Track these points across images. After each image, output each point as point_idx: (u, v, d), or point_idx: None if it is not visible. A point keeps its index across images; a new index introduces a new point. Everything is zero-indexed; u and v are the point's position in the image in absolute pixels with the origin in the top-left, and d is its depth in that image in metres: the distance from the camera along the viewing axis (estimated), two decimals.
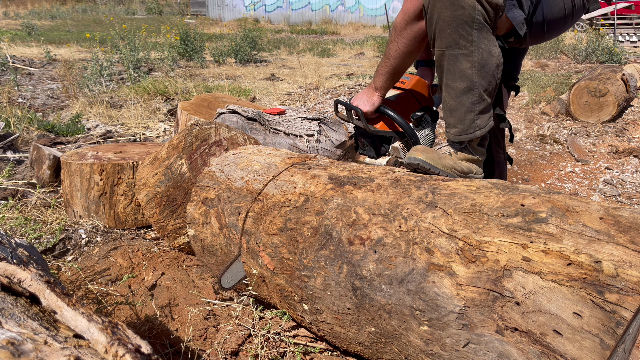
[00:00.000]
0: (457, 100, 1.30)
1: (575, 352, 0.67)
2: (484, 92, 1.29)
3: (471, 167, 1.38)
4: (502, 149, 1.79)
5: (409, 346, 0.87)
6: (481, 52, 1.22)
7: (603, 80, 3.73)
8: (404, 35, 1.33)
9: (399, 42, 1.35)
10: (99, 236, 1.72)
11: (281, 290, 1.11)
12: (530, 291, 0.73)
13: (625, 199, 2.33)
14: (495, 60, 1.25)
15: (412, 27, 1.31)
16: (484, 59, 1.22)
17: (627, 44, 9.86)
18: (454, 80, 1.28)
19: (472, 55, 1.21)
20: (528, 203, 0.83)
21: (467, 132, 1.33)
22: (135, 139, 3.11)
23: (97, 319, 0.60)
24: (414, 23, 1.30)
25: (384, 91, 1.49)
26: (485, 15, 1.18)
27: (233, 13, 21.71)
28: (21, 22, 12.96)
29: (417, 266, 0.85)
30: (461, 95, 1.29)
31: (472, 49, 1.21)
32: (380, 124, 1.58)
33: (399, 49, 1.36)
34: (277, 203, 1.13)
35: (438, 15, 1.19)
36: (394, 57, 1.39)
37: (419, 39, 1.32)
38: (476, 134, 1.34)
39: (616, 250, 0.70)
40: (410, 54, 1.37)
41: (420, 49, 1.37)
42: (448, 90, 1.32)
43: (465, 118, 1.31)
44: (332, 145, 2.49)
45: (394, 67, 1.41)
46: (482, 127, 1.33)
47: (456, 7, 1.16)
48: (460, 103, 1.30)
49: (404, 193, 0.98)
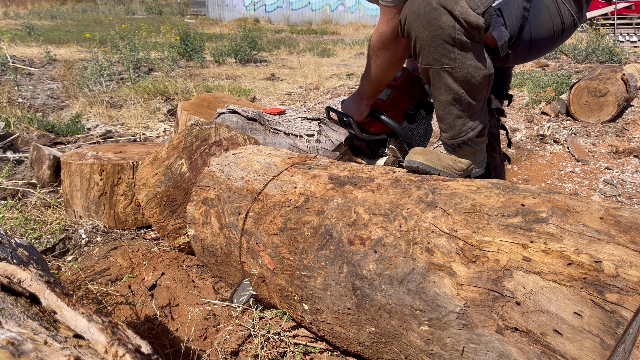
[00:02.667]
0: (445, 110, 1.28)
1: (575, 351, 0.67)
2: (473, 99, 1.26)
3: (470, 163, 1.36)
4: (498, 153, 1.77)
5: (409, 346, 0.87)
6: (466, 68, 1.17)
7: (603, 80, 3.73)
8: (381, 55, 1.32)
9: (376, 61, 1.34)
10: (99, 236, 1.72)
11: (281, 290, 1.11)
12: (531, 291, 0.73)
13: (625, 199, 2.33)
14: (483, 72, 1.20)
15: (389, 47, 1.30)
16: (470, 73, 1.18)
17: (627, 44, 9.86)
18: (440, 93, 1.25)
19: (456, 71, 1.18)
20: (528, 203, 0.83)
21: (459, 137, 1.32)
22: (135, 139, 3.10)
23: (97, 319, 0.60)
24: (390, 44, 1.29)
25: (372, 99, 1.49)
26: (467, 34, 1.13)
27: (233, 13, 21.71)
28: (21, 22, 12.96)
29: (417, 266, 0.85)
30: (448, 105, 1.27)
31: (455, 65, 1.17)
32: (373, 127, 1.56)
33: (378, 66, 1.35)
34: (278, 203, 1.13)
35: (416, 35, 1.16)
36: (374, 72, 1.38)
37: (397, 57, 1.32)
38: (469, 135, 1.32)
39: (616, 250, 0.70)
40: (391, 69, 1.36)
41: (400, 63, 1.36)
42: (436, 102, 1.30)
43: (455, 124, 1.29)
44: (332, 145, 2.49)
45: (376, 80, 1.41)
46: (474, 128, 1.31)
47: (434, 27, 1.12)
48: (448, 112, 1.28)
49: (404, 193, 0.98)
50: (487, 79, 1.23)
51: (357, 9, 19.05)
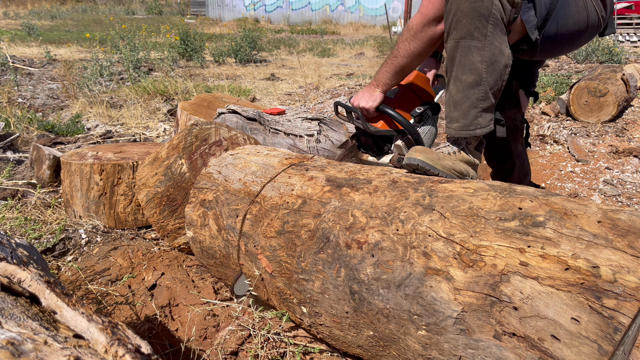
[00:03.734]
0: (463, 93, 1.32)
1: (573, 357, 0.67)
2: (490, 90, 1.31)
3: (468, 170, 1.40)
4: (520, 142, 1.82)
5: (408, 350, 0.87)
6: (493, 48, 1.24)
7: (603, 80, 3.73)
8: (418, 37, 1.35)
9: (411, 43, 1.37)
10: (99, 236, 1.72)
11: (280, 293, 1.11)
12: (528, 296, 0.72)
13: (625, 199, 2.34)
14: (505, 60, 1.27)
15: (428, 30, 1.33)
16: (495, 55, 1.25)
17: (627, 44, 9.85)
18: (464, 72, 1.30)
19: (484, 49, 1.24)
20: (525, 206, 0.83)
21: (468, 128, 1.35)
22: (135, 139, 3.11)
23: (97, 319, 0.60)
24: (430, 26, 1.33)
25: (386, 87, 1.50)
26: (502, 12, 1.21)
27: (233, 13, 21.70)
28: (21, 22, 12.95)
29: (414, 270, 0.85)
30: (468, 88, 1.31)
31: (485, 42, 1.23)
32: (380, 122, 1.57)
33: (409, 49, 1.38)
34: (275, 205, 1.13)
35: (457, 6, 1.22)
36: (402, 56, 1.40)
37: (431, 43, 1.35)
38: (477, 132, 1.36)
39: (614, 255, 0.70)
40: (420, 56, 1.39)
41: (429, 52, 1.39)
42: (456, 83, 1.33)
43: (469, 113, 1.33)
44: (332, 145, 2.49)
45: (400, 66, 1.43)
46: (483, 127, 1.35)
47: None
48: (466, 97, 1.32)
49: (401, 195, 0.98)
50: (506, 69, 1.29)
51: (357, 9, 19.04)
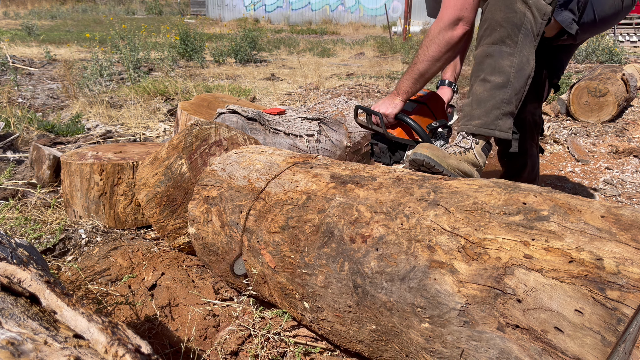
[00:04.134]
0: (490, 92, 1.37)
1: (576, 349, 0.67)
2: (514, 95, 1.37)
3: (472, 171, 1.41)
4: (536, 143, 1.87)
5: (410, 344, 0.87)
6: (522, 56, 1.32)
7: (603, 80, 3.73)
8: (436, 41, 1.41)
9: (429, 48, 1.44)
10: (99, 236, 1.72)
11: (282, 289, 1.11)
12: (532, 288, 0.73)
13: (625, 199, 2.33)
14: (529, 70, 1.34)
15: (445, 34, 1.40)
16: (523, 63, 1.33)
17: (627, 44, 9.86)
18: (493, 74, 1.36)
19: (514, 55, 1.32)
20: (530, 201, 0.83)
21: (488, 127, 1.39)
22: (135, 139, 3.10)
23: (97, 319, 0.60)
24: (447, 31, 1.39)
25: (407, 96, 1.55)
26: (532, 25, 1.30)
27: (233, 13, 21.72)
28: (21, 22, 12.96)
29: (418, 263, 0.85)
30: (495, 89, 1.36)
31: (515, 49, 1.31)
32: (397, 130, 1.62)
33: (428, 54, 1.44)
34: (279, 201, 1.13)
35: (492, 16, 1.31)
36: (421, 61, 1.46)
37: (448, 46, 1.42)
38: (495, 132, 1.39)
39: (618, 248, 0.70)
40: (438, 60, 1.44)
41: (447, 58, 1.45)
42: (484, 84, 1.38)
43: (492, 112, 1.37)
44: (332, 145, 2.49)
45: (420, 72, 1.48)
46: (502, 130, 1.39)
47: (509, 10, 1.29)
48: (491, 96, 1.37)
49: (405, 191, 0.98)
50: (529, 79, 1.37)
51: (357, 9, 19.06)
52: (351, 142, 2.64)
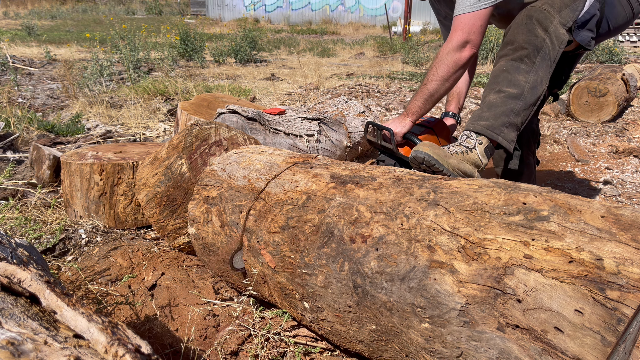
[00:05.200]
0: (502, 99, 1.44)
1: (576, 349, 0.67)
2: (524, 109, 1.44)
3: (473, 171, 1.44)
4: (532, 153, 1.92)
5: (410, 344, 0.87)
6: (537, 76, 1.41)
7: (603, 80, 3.73)
8: (445, 62, 1.48)
9: (439, 68, 1.50)
10: (99, 236, 1.72)
11: (282, 289, 1.11)
12: (532, 288, 0.73)
13: (625, 199, 2.33)
14: (541, 90, 1.43)
15: (453, 55, 1.47)
16: (537, 82, 1.42)
17: (627, 44, 9.86)
18: (509, 85, 1.45)
19: (529, 73, 1.41)
20: (530, 201, 0.83)
21: (493, 130, 1.45)
22: (135, 139, 3.10)
23: (97, 319, 0.60)
24: (455, 52, 1.47)
25: (416, 117, 1.61)
26: (550, 51, 1.39)
27: (233, 13, 21.72)
28: (21, 22, 12.96)
29: (418, 264, 0.85)
30: (509, 98, 1.44)
31: (532, 68, 1.40)
32: (405, 149, 1.68)
33: (438, 74, 1.51)
34: (279, 201, 1.13)
35: (514, 38, 1.42)
36: (431, 81, 1.52)
37: (456, 67, 1.49)
38: (498, 138, 1.45)
39: (618, 248, 0.70)
40: (447, 79, 1.51)
41: (455, 78, 1.52)
42: (498, 93, 1.46)
43: (500, 118, 1.44)
44: (332, 145, 2.49)
45: (429, 92, 1.54)
46: (505, 138, 1.46)
47: (530, 34, 1.39)
48: (503, 103, 1.44)
49: (405, 192, 0.98)
50: (539, 99, 1.45)
51: (357, 9, 19.06)
52: (351, 142, 2.64)
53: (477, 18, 1.43)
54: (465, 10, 1.44)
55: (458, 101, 1.90)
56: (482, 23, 1.45)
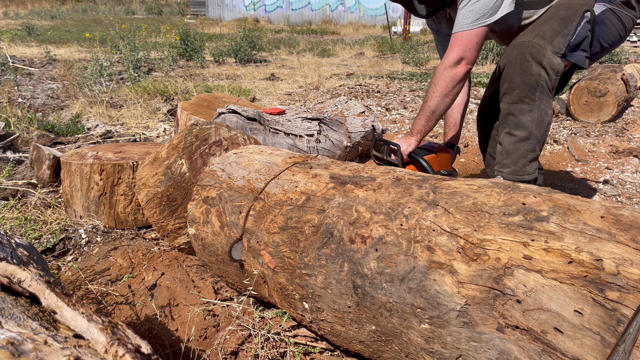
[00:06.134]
0: (514, 145, 1.56)
1: (576, 349, 0.67)
2: (537, 143, 1.55)
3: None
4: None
5: (410, 344, 0.87)
6: (540, 110, 1.49)
7: (603, 80, 3.73)
8: (442, 77, 1.55)
9: (437, 85, 1.57)
10: (99, 236, 1.72)
11: (282, 289, 1.11)
12: (532, 289, 0.73)
13: (625, 199, 2.33)
14: (549, 119, 1.52)
15: (450, 71, 1.54)
16: (542, 116, 1.50)
17: (627, 44, 9.86)
18: (516, 129, 1.54)
19: (533, 111, 1.49)
20: (529, 202, 0.83)
21: (517, 174, 1.58)
22: (135, 139, 3.10)
23: (97, 319, 0.60)
24: (451, 68, 1.54)
25: (421, 135, 1.67)
26: (547, 82, 1.46)
27: (233, 13, 21.72)
28: (21, 22, 12.97)
29: (418, 264, 0.85)
30: (519, 142, 1.55)
31: (533, 106, 1.48)
32: (410, 167, 1.74)
33: (437, 90, 1.58)
34: (279, 202, 1.13)
35: (510, 78, 1.49)
36: (431, 98, 1.59)
37: (453, 82, 1.56)
38: (524, 177, 1.57)
39: (617, 249, 0.70)
40: (446, 95, 1.57)
41: (453, 93, 1.58)
42: (510, 137, 1.57)
43: (519, 162, 1.57)
44: (332, 145, 2.49)
45: (431, 109, 1.60)
46: (530, 174, 1.58)
47: (526, 73, 1.46)
48: (517, 148, 1.56)
49: (405, 192, 0.98)
50: (549, 125, 1.54)
51: (357, 9, 19.06)
52: (351, 142, 2.64)
53: (474, 36, 1.49)
54: (463, 28, 1.49)
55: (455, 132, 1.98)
56: (478, 40, 1.50)
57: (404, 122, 3.86)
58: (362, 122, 2.81)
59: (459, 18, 1.50)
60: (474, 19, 1.47)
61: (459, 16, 1.50)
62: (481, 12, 1.45)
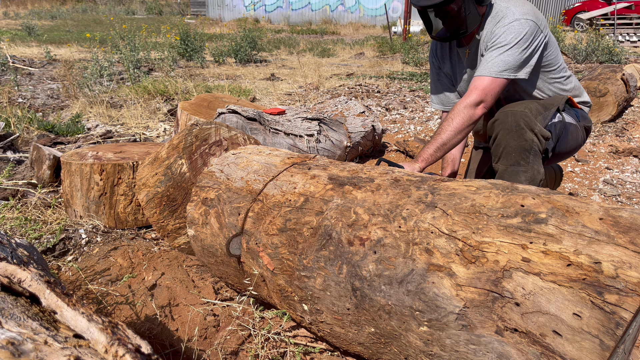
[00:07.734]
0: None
1: (574, 353, 0.67)
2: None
3: None
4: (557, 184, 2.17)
5: (409, 347, 0.87)
6: (533, 170, 1.61)
7: (603, 80, 3.73)
8: (460, 114, 1.62)
9: (454, 120, 1.64)
10: (99, 236, 1.72)
11: (281, 291, 1.11)
12: (530, 292, 0.72)
13: (625, 199, 2.33)
14: (540, 176, 1.63)
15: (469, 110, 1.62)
16: (534, 175, 1.62)
17: (627, 44, 9.86)
18: None
19: (527, 172, 1.61)
20: (528, 203, 0.83)
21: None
22: (135, 139, 3.11)
23: (97, 319, 0.60)
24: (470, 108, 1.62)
25: (426, 164, 1.70)
26: (539, 146, 1.59)
27: (233, 13, 21.71)
28: (21, 22, 12.96)
29: (416, 267, 0.85)
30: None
31: (527, 167, 1.60)
32: None
33: (453, 125, 1.64)
34: (277, 203, 1.13)
35: (506, 143, 1.60)
36: (445, 131, 1.65)
37: (470, 121, 1.64)
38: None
39: (616, 251, 0.70)
40: (460, 132, 1.64)
41: (466, 132, 1.66)
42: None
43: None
44: (332, 145, 2.49)
45: (443, 141, 1.66)
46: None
47: (521, 139, 1.58)
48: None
49: (403, 193, 0.98)
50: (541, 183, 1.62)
51: (357, 9, 19.05)
52: (351, 142, 2.64)
53: (497, 84, 1.59)
54: (491, 74, 1.59)
55: (453, 167, 2.04)
56: (499, 90, 1.61)
57: (403, 122, 3.86)
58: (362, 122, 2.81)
59: (488, 63, 1.60)
60: (501, 69, 1.58)
61: (488, 61, 1.60)
62: (509, 65, 1.57)
